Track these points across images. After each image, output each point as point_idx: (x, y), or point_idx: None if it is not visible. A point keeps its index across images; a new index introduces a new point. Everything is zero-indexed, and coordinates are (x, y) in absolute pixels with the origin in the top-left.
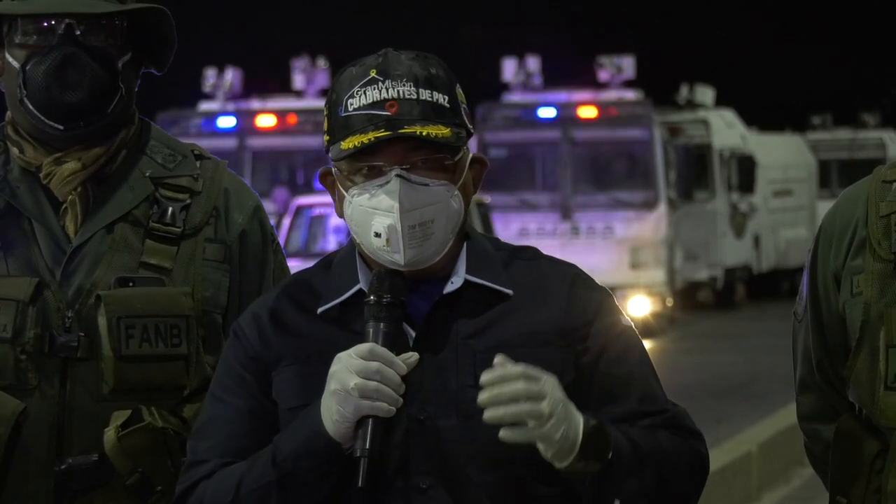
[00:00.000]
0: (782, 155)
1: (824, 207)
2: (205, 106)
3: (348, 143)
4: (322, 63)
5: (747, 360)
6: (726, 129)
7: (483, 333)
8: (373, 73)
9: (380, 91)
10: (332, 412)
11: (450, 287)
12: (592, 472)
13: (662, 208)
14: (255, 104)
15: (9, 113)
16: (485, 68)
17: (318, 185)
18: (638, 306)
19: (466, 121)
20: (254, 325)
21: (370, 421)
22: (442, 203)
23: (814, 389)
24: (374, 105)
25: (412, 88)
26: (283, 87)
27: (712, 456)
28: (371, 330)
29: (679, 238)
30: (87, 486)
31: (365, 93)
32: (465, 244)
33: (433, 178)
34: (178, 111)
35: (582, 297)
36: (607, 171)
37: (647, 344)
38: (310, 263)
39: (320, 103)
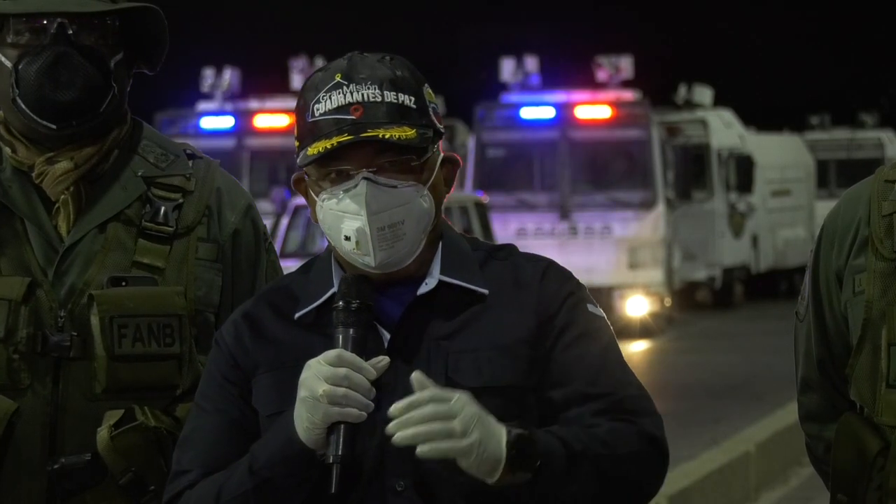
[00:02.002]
0: (780, 155)
1: (822, 207)
2: (203, 106)
3: (314, 149)
4: (320, 63)
5: (746, 360)
6: (724, 129)
7: (457, 335)
8: (338, 78)
9: (344, 95)
10: (303, 419)
11: (424, 288)
12: (525, 483)
13: (660, 208)
14: (253, 104)
15: (1, 112)
16: (483, 68)
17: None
18: (636, 306)
19: (435, 121)
20: (233, 332)
21: (341, 427)
22: (410, 204)
23: (815, 389)
24: (339, 109)
25: (377, 91)
26: (281, 87)
27: (711, 456)
28: (340, 336)
29: (677, 238)
30: (79, 486)
31: (330, 97)
32: (440, 244)
33: (401, 179)
34: (177, 111)
35: (550, 287)
36: (605, 171)
37: (646, 344)
38: None
39: None
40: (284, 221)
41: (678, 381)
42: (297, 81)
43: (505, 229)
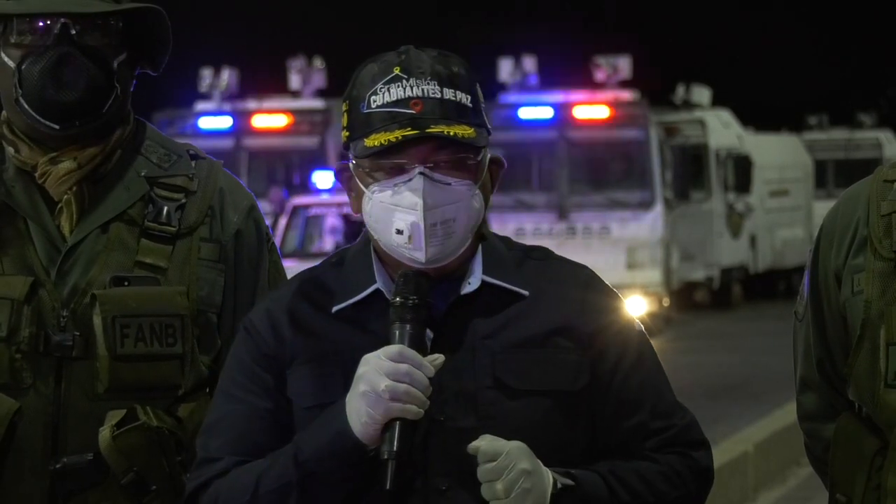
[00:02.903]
0: (779, 155)
1: (821, 207)
2: (201, 106)
3: (373, 141)
4: (318, 63)
5: (744, 360)
6: (722, 130)
7: (499, 334)
8: (396, 71)
9: (403, 89)
10: (361, 414)
11: (467, 288)
12: None
13: (659, 208)
14: (251, 104)
15: (4, 112)
16: (481, 68)
17: (312, 185)
18: (634, 306)
19: (486, 120)
20: (267, 321)
21: (397, 423)
22: (464, 202)
23: (814, 388)
24: (397, 103)
25: (436, 87)
26: (279, 87)
27: None
28: (397, 332)
29: (675, 238)
30: (81, 486)
31: (388, 90)
32: (479, 244)
33: (455, 177)
34: (175, 111)
35: (595, 301)
36: (604, 172)
37: None
38: (306, 263)
39: (317, 103)
40: (283, 221)
41: (676, 381)
42: (295, 82)
43: (503, 229)
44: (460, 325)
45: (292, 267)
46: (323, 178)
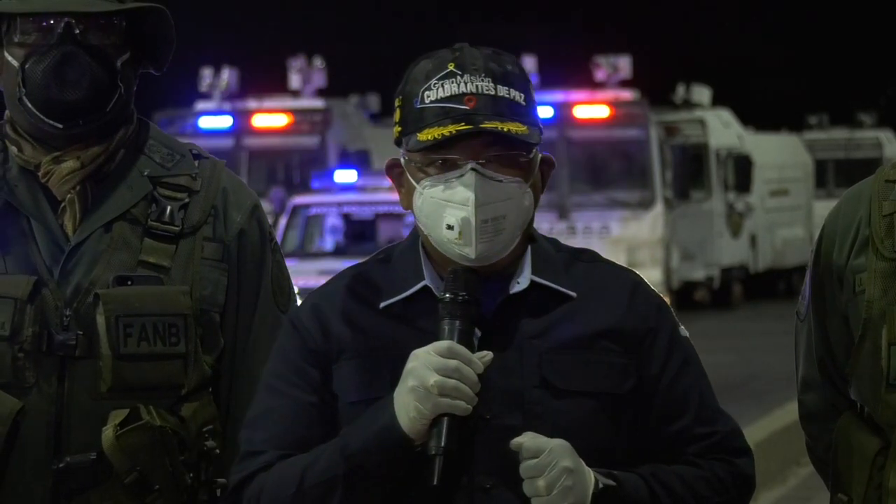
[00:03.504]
0: (779, 154)
1: (821, 207)
2: (201, 105)
3: (426, 135)
4: (318, 63)
5: (744, 359)
6: (723, 129)
7: (547, 334)
8: (451, 67)
9: (458, 85)
10: (410, 409)
11: (516, 287)
12: None
13: (659, 208)
14: (251, 104)
15: (7, 111)
16: None
17: (314, 184)
18: None
19: (538, 119)
20: (314, 316)
21: (445, 419)
22: (514, 199)
23: (816, 388)
24: (451, 98)
25: (490, 84)
26: (279, 86)
27: None
28: (447, 328)
29: (675, 238)
30: (84, 485)
31: (442, 86)
32: (528, 244)
33: (507, 174)
34: (175, 111)
35: (643, 304)
36: (604, 171)
37: None
38: (306, 263)
39: (317, 103)
40: (283, 221)
41: None
42: (295, 81)
43: None
44: (508, 324)
45: (293, 266)
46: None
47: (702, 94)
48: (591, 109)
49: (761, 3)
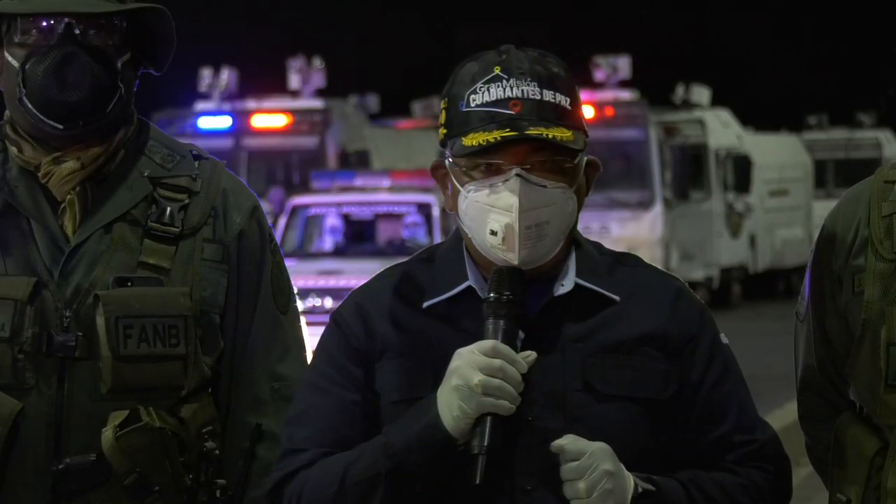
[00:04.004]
0: (778, 155)
1: (820, 207)
2: (200, 106)
3: (471, 140)
4: (318, 63)
5: (743, 360)
6: (722, 129)
7: (590, 338)
8: (497, 70)
9: (503, 89)
10: (454, 407)
11: (560, 290)
12: None
13: (658, 208)
14: (250, 104)
15: (7, 112)
16: None
17: (316, 184)
18: None
19: (584, 123)
20: (357, 315)
21: (489, 418)
22: (558, 205)
23: (815, 389)
24: (497, 103)
25: (536, 88)
26: (279, 87)
27: None
28: (491, 327)
29: (675, 238)
30: (84, 486)
31: (488, 90)
32: (573, 247)
33: (551, 179)
34: (174, 111)
35: (686, 310)
36: (603, 171)
37: None
38: (306, 263)
39: (316, 103)
40: (282, 221)
41: None
42: (294, 81)
43: None
44: (552, 327)
45: (292, 267)
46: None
47: (701, 94)
48: (590, 110)
49: (761, 4)
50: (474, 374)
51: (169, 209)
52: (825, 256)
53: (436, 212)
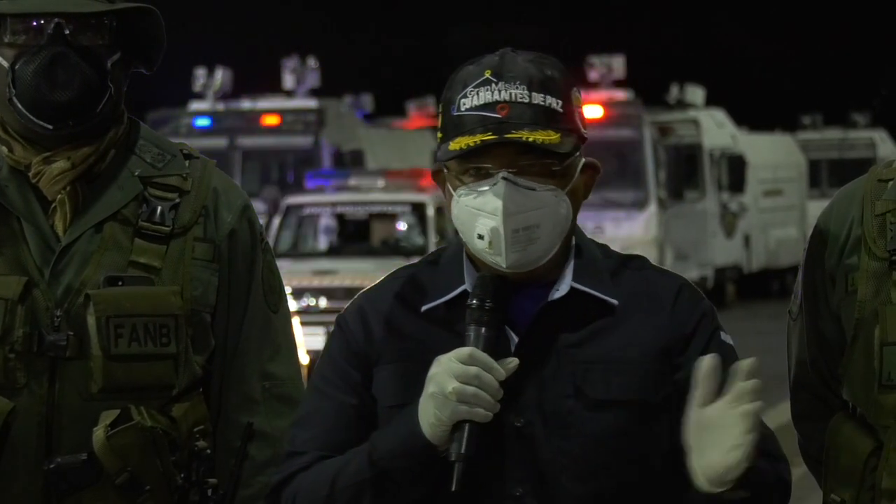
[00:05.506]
0: (772, 155)
1: (814, 207)
2: (195, 105)
3: (456, 144)
4: (312, 63)
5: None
6: (716, 129)
7: (586, 344)
8: (487, 74)
9: (492, 93)
10: (429, 415)
11: (555, 294)
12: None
13: (652, 208)
14: (245, 104)
15: None
16: None
17: (309, 184)
18: None
19: (581, 125)
20: (359, 319)
21: (466, 426)
22: (548, 208)
23: (808, 388)
24: (485, 106)
25: (525, 91)
26: (273, 86)
27: None
28: (472, 334)
29: (669, 238)
30: (75, 486)
31: (478, 93)
32: (572, 251)
33: (540, 182)
34: (168, 111)
35: (685, 309)
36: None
37: None
38: (300, 263)
39: (310, 103)
40: (276, 221)
41: None
42: (288, 81)
43: None
44: (547, 332)
45: (286, 267)
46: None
47: (695, 94)
48: (584, 109)
49: (755, 3)
50: (449, 381)
51: (160, 208)
52: (818, 255)
53: (430, 212)
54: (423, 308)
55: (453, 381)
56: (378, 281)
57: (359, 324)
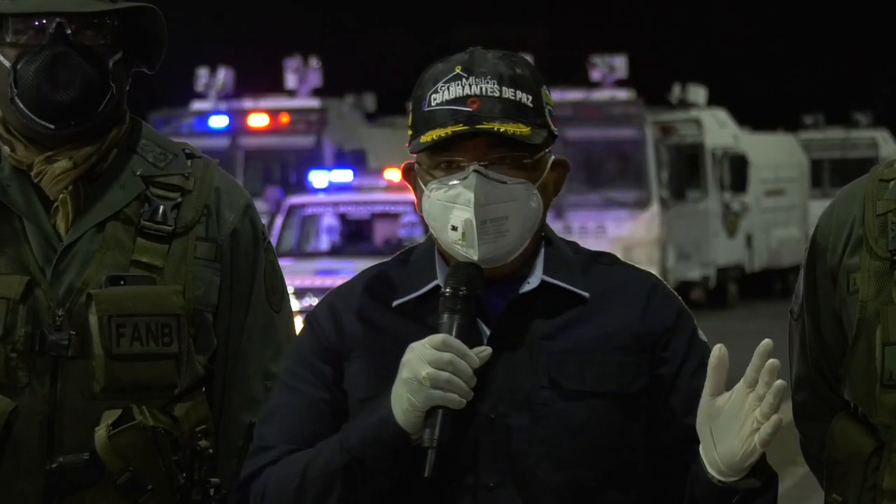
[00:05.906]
0: (774, 154)
1: (816, 207)
2: (197, 105)
3: (427, 137)
4: (314, 62)
5: (739, 359)
6: (718, 129)
7: (559, 335)
8: (458, 70)
9: (463, 87)
10: (403, 401)
11: (526, 287)
12: (749, 489)
13: (655, 208)
14: (247, 103)
15: (0, 112)
16: None
17: (309, 184)
18: None
19: (550, 122)
20: (329, 314)
21: (440, 412)
22: (518, 201)
23: (810, 388)
24: (456, 100)
25: (495, 86)
26: (275, 86)
27: None
28: (446, 321)
29: (671, 237)
30: (77, 485)
31: (448, 88)
32: (542, 245)
33: (512, 176)
34: (170, 111)
35: (661, 305)
36: (599, 171)
37: None
38: (302, 263)
39: (313, 103)
40: (279, 221)
41: None
42: (291, 81)
43: None
44: (519, 324)
45: (288, 266)
46: (318, 178)
47: (697, 93)
48: (586, 109)
49: (757, 3)
50: (423, 366)
51: (162, 208)
52: (820, 254)
53: None
54: (395, 303)
55: (427, 366)
56: (348, 280)
57: (329, 320)
